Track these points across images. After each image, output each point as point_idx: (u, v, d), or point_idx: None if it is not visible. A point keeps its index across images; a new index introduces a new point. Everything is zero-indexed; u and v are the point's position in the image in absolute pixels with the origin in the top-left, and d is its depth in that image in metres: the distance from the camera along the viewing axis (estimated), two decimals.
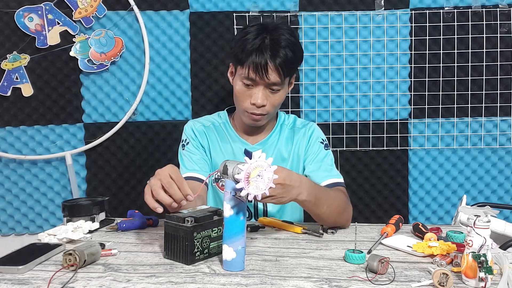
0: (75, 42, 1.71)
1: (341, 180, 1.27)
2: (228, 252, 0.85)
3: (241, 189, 0.81)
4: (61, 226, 1.10)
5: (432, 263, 0.89)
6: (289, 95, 1.75)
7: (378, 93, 1.76)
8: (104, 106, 1.77)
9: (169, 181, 0.90)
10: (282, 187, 0.95)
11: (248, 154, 1.32)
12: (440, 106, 1.75)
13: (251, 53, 1.16)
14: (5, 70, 1.71)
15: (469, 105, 1.74)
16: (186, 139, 1.34)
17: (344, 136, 1.77)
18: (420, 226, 1.08)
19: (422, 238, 1.02)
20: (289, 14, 1.73)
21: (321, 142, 1.34)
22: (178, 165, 1.32)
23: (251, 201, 0.88)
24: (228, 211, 0.84)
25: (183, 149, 1.33)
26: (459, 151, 1.77)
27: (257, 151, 1.33)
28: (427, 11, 1.72)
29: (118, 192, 1.80)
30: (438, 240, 0.97)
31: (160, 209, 0.89)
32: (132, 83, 1.76)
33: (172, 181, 0.90)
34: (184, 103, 1.78)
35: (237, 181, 0.82)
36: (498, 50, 1.72)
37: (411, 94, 1.75)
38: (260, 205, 1.33)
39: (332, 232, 1.10)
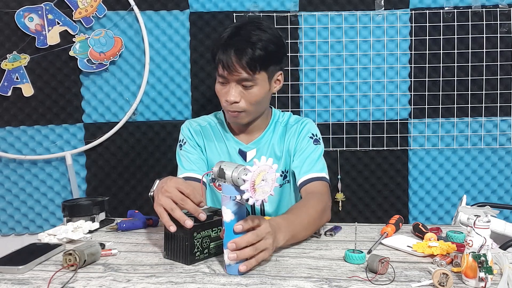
0: (75, 42, 1.71)
1: (323, 174, 1.23)
2: None
3: (247, 198, 0.77)
4: (61, 226, 1.10)
5: (432, 263, 0.89)
6: (289, 95, 1.75)
7: (378, 93, 1.76)
8: (104, 106, 1.77)
9: (182, 197, 0.88)
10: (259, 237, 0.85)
11: (243, 154, 1.33)
12: (440, 106, 1.75)
13: (219, 49, 1.17)
14: (5, 70, 1.71)
15: (469, 105, 1.74)
16: (183, 139, 1.34)
17: (344, 136, 1.77)
18: (420, 226, 1.08)
19: (422, 238, 1.02)
20: (289, 14, 1.73)
21: (310, 137, 1.31)
22: (176, 165, 1.33)
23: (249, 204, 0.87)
24: (229, 216, 0.83)
25: (181, 149, 1.33)
26: (459, 151, 1.77)
27: (251, 150, 1.35)
28: (427, 11, 1.72)
29: (118, 192, 1.80)
30: (438, 240, 0.97)
31: (174, 228, 0.87)
32: (132, 83, 1.76)
33: (185, 197, 0.89)
34: (184, 103, 1.78)
35: (237, 185, 0.80)
36: (498, 50, 1.72)
37: (411, 94, 1.75)
38: (257, 206, 1.32)
39: (330, 234, 1.09)
